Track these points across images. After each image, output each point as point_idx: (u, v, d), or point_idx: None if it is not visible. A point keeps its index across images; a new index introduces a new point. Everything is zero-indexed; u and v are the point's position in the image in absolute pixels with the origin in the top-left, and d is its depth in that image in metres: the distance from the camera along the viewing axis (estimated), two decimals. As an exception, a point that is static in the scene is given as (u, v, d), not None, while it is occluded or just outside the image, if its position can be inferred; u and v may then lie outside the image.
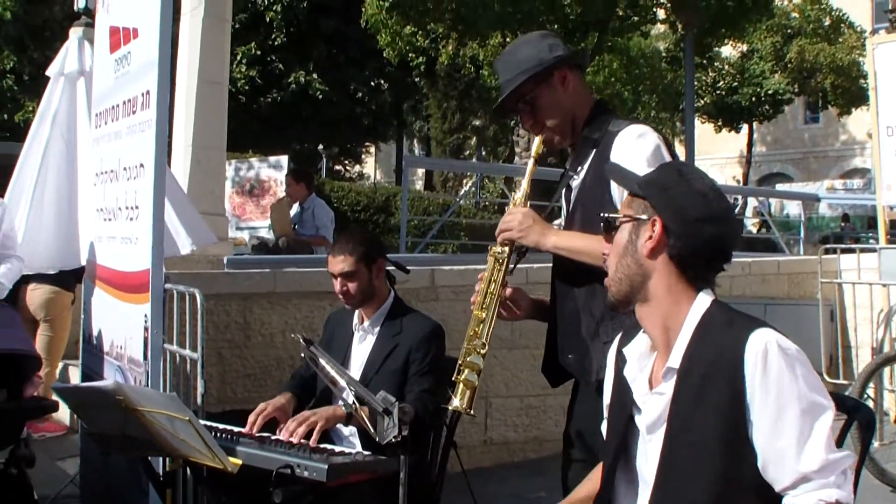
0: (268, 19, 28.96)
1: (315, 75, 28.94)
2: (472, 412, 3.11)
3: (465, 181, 36.46)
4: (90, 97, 6.71)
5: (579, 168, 3.34)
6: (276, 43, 28.97)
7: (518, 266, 3.42)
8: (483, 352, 3.16)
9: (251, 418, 4.12)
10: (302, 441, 3.79)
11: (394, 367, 4.31)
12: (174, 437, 3.26)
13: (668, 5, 24.61)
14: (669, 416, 2.38)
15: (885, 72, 9.81)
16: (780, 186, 41.90)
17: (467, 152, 37.12)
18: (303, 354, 3.41)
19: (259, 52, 28.31)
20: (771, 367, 2.26)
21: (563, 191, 3.48)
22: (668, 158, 3.12)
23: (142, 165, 5.14)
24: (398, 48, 26.16)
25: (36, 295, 7.74)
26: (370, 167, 53.70)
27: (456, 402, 3.10)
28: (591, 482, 2.77)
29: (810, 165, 48.65)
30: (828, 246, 12.48)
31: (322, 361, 3.34)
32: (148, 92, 5.04)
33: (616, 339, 2.74)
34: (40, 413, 5.88)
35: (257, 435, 3.96)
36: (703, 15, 23.48)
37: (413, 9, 22.91)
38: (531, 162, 3.44)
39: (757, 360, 2.27)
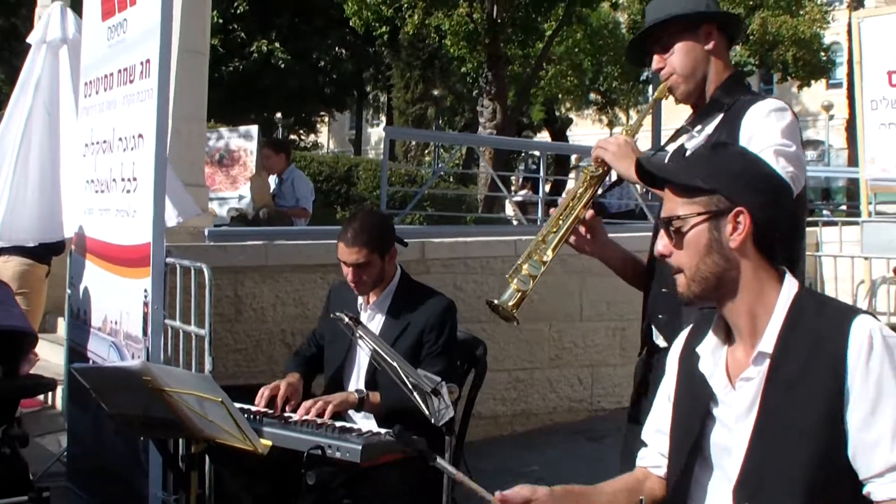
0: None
1: (277, 44, 28.63)
2: (516, 316, 2.99)
3: (426, 151, 36.31)
4: (74, 65, 6.55)
5: (700, 127, 3.24)
6: (239, 11, 28.61)
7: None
8: (545, 260, 3.03)
9: (265, 393, 4.02)
10: (326, 421, 3.71)
11: (405, 346, 4.18)
12: (202, 418, 3.17)
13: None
14: (762, 400, 2.33)
15: (869, 46, 9.88)
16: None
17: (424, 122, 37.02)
18: (357, 334, 3.31)
19: (221, 21, 27.89)
20: (874, 355, 2.24)
21: (673, 147, 3.36)
22: (799, 140, 3.04)
23: (140, 136, 5.02)
24: (364, 17, 26.00)
25: (7, 267, 7.51)
26: (323, 137, 53.39)
27: (505, 297, 2.97)
28: (633, 477, 2.69)
29: (765, 137, 49.04)
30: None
31: (369, 339, 3.26)
32: (148, 61, 4.94)
33: (682, 336, 2.66)
34: (37, 391, 5.77)
35: (279, 415, 3.87)
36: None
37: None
38: (651, 102, 3.51)
39: (861, 348, 2.24)
